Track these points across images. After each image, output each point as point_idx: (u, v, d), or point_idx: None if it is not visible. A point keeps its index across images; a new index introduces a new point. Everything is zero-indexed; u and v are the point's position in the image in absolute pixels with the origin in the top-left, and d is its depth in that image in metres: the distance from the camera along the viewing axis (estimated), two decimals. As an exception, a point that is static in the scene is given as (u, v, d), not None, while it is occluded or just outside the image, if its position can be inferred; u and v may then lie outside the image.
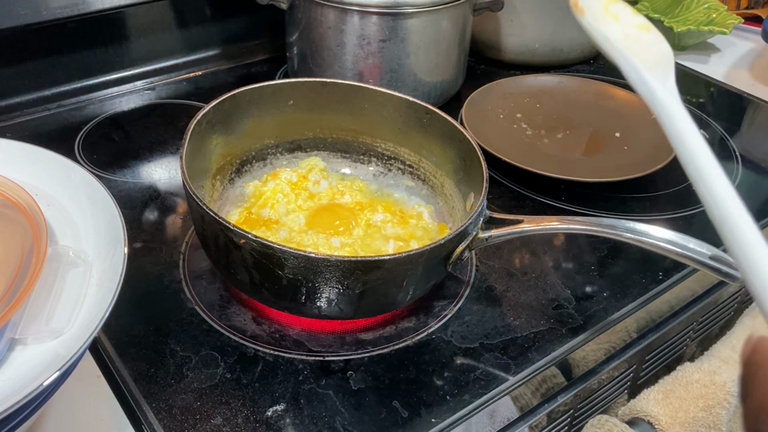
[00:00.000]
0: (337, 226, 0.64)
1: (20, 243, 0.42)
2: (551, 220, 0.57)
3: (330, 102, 0.69)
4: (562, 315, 0.62)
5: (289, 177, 0.69)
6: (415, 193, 0.70)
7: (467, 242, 0.56)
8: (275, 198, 0.66)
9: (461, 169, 0.65)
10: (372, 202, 0.68)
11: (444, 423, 0.52)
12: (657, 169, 0.77)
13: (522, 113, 0.90)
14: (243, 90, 0.66)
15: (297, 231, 0.63)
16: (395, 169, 0.72)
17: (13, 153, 0.51)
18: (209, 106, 0.63)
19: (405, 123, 0.69)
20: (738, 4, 1.28)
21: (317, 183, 0.69)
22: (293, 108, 0.69)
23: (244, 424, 0.51)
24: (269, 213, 0.65)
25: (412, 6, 0.80)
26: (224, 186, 0.68)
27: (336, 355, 0.56)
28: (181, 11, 0.94)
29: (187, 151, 0.58)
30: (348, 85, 0.69)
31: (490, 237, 0.57)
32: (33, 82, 0.86)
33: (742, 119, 0.96)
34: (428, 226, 0.66)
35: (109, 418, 0.51)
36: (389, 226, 0.64)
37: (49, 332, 0.41)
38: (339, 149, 0.73)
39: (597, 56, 1.08)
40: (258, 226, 0.64)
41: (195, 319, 0.58)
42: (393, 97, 0.68)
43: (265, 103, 0.68)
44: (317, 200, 0.68)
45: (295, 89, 0.69)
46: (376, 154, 0.72)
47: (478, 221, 0.57)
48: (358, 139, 0.72)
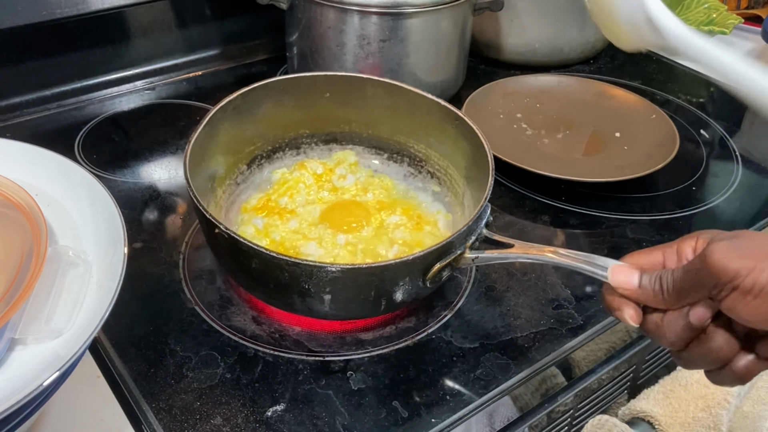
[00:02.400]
0: (349, 222, 0.63)
1: (20, 243, 0.42)
2: (543, 251, 0.51)
3: (365, 97, 0.69)
4: (562, 315, 0.62)
5: (315, 168, 0.69)
6: (440, 200, 0.69)
7: (447, 260, 0.53)
8: (296, 188, 0.66)
9: (475, 180, 0.64)
10: (393, 203, 0.67)
11: (444, 423, 0.52)
12: (657, 169, 0.76)
13: (522, 113, 0.90)
14: (274, 80, 0.66)
15: (308, 223, 0.63)
16: (425, 172, 0.71)
17: (13, 153, 0.51)
18: (238, 93, 0.63)
19: (436, 127, 0.68)
20: (738, 4, 1.28)
21: (343, 177, 0.68)
22: (329, 100, 0.69)
23: (244, 424, 0.50)
24: (286, 202, 0.65)
25: (412, 6, 0.80)
26: (251, 171, 0.69)
27: (336, 355, 0.56)
28: (181, 11, 0.94)
29: (200, 137, 0.59)
30: (384, 82, 0.68)
31: (477, 258, 0.54)
32: (33, 82, 0.86)
33: (742, 119, 0.96)
34: (442, 234, 0.64)
35: (109, 418, 0.51)
36: (401, 230, 0.63)
37: (49, 332, 0.41)
38: (374, 145, 0.73)
39: (597, 56, 1.08)
40: (272, 213, 0.64)
41: (195, 319, 0.58)
42: (426, 99, 0.67)
43: (300, 94, 0.68)
44: (339, 194, 0.67)
45: (331, 82, 0.68)
46: (409, 155, 0.72)
47: (467, 240, 0.54)
48: (393, 138, 0.72)
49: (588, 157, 0.84)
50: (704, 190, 0.80)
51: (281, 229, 0.62)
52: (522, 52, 1.02)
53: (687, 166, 0.84)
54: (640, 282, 0.43)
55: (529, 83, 0.95)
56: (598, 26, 0.58)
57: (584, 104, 0.92)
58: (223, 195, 0.66)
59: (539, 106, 0.92)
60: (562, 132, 0.88)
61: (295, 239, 0.61)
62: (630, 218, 0.74)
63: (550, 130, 0.88)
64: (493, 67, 1.03)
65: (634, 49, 0.55)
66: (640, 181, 0.76)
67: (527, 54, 1.02)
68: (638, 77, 1.04)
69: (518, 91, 0.93)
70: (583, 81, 0.96)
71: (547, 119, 0.90)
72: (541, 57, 1.02)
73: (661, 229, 0.73)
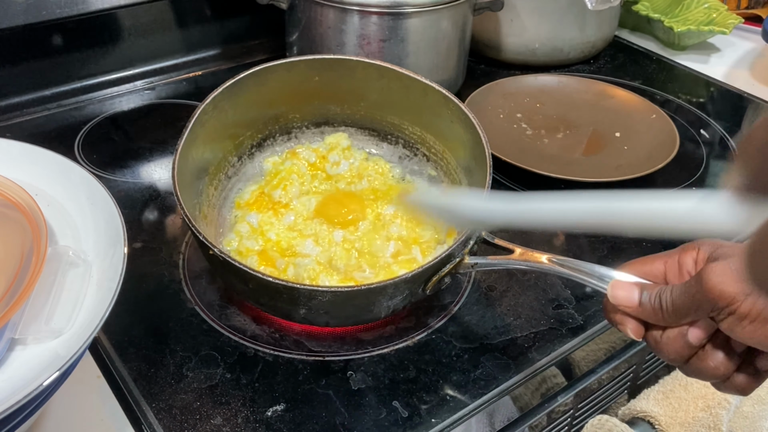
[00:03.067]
0: (344, 216, 0.63)
1: (20, 243, 0.42)
2: (541, 259, 0.52)
3: (355, 79, 0.67)
4: (562, 315, 0.62)
5: (307, 156, 0.68)
6: (436, 184, 0.68)
7: (447, 269, 0.54)
8: (290, 179, 0.66)
9: (474, 173, 0.63)
10: (389, 189, 0.66)
11: (444, 423, 0.52)
12: (657, 169, 0.76)
13: (522, 113, 0.90)
14: (261, 68, 0.64)
15: (303, 218, 0.63)
16: (420, 155, 0.71)
17: (13, 153, 0.51)
18: (222, 87, 0.62)
19: (430, 109, 0.66)
20: (738, 4, 1.28)
21: (336, 164, 0.68)
22: (319, 83, 0.68)
23: (244, 424, 0.50)
24: (280, 195, 0.65)
25: (412, 6, 0.80)
26: (242, 161, 0.68)
27: (336, 355, 0.56)
28: (181, 11, 0.94)
29: (186, 143, 0.58)
30: (373, 64, 0.66)
31: (476, 264, 0.55)
32: (33, 82, 0.86)
33: (742, 119, 0.96)
34: (439, 227, 0.63)
35: (109, 418, 0.51)
36: (397, 222, 0.63)
37: (49, 332, 0.41)
38: (366, 126, 0.72)
39: (597, 56, 1.08)
40: (267, 209, 0.64)
41: (195, 319, 0.58)
42: (418, 82, 0.65)
43: (290, 79, 0.66)
44: (334, 182, 0.67)
45: (318, 65, 0.66)
46: (404, 136, 0.71)
47: (465, 245, 0.55)
48: (386, 119, 0.71)
49: (588, 157, 0.84)
50: (704, 190, 0.80)
51: (276, 226, 0.62)
52: (522, 52, 1.02)
53: (687, 166, 0.84)
54: (640, 300, 0.43)
55: (529, 83, 0.95)
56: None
57: (584, 104, 0.92)
58: (215, 192, 0.65)
59: (539, 106, 0.92)
60: (562, 132, 0.88)
61: (291, 237, 0.61)
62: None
63: (550, 130, 0.88)
64: (493, 67, 1.03)
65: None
66: (640, 181, 0.76)
67: (527, 54, 1.02)
68: (638, 77, 1.04)
69: (518, 91, 0.93)
70: (583, 81, 0.96)
71: (547, 119, 0.90)
72: (541, 57, 1.02)
73: (661, 229, 0.73)
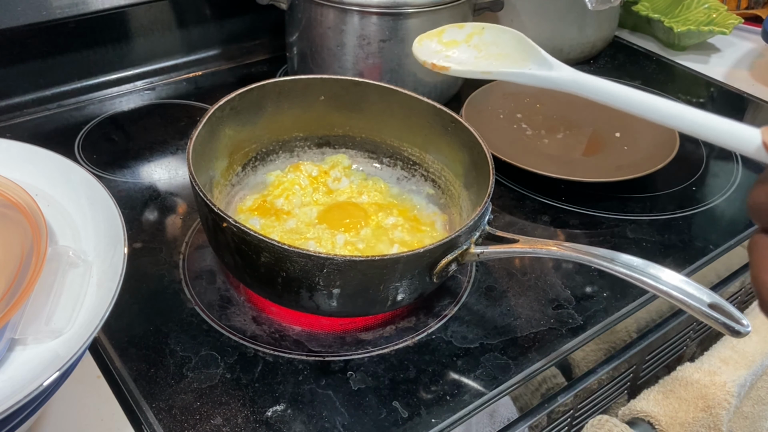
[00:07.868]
0: (347, 224, 0.64)
1: (20, 243, 0.42)
2: (547, 245, 0.54)
3: (360, 101, 0.69)
4: (562, 315, 0.62)
5: (310, 170, 0.69)
6: (434, 202, 0.69)
7: (454, 255, 0.54)
8: (292, 189, 0.67)
9: (474, 182, 0.64)
10: (388, 204, 0.67)
11: (444, 423, 0.52)
12: (657, 169, 0.76)
13: (522, 113, 0.90)
14: (272, 82, 0.66)
15: (306, 223, 0.64)
16: (418, 176, 0.71)
17: (13, 153, 0.51)
18: (236, 93, 0.63)
19: (431, 129, 0.68)
20: (738, 4, 1.28)
21: (338, 180, 0.69)
22: (324, 104, 0.69)
23: (244, 424, 0.51)
24: (282, 203, 0.65)
25: (412, 6, 0.80)
26: (246, 172, 0.69)
27: (336, 355, 0.56)
28: (181, 11, 0.94)
29: (200, 135, 0.59)
30: (378, 86, 0.68)
31: (482, 253, 0.55)
32: (33, 82, 0.86)
33: (742, 119, 0.96)
34: (439, 235, 0.64)
35: (109, 418, 0.51)
36: (398, 230, 0.64)
37: (49, 332, 0.41)
38: (367, 149, 0.73)
39: (597, 56, 1.08)
40: (269, 215, 0.64)
41: (195, 319, 0.58)
42: (421, 102, 0.67)
43: (295, 97, 0.68)
44: (334, 197, 0.68)
45: (326, 86, 0.69)
46: (402, 158, 0.72)
47: (471, 235, 0.55)
48: (386, 141, 0.72)
49: (588, 157, 0.84)
50: (704, 190, 0.80)
51: (279, 229, 0.62)
52: (522, 52, 1.02)
53: (687, 166, 0.84)
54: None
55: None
56: None
57: (584, 104, 0.91)
58: (219, 196, 0.66)
59: (539, 106, 0.92)
60: (562, 132, 0.88)
61: (293, 239, 0.61)
62: (630, 218, 0.75)
63: (550, 130, 0.88)
64: (493, 67, 1.03)
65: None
66: (640, 181, 0.76)
67: (527, 54, 1.02)
68: (638, 77, 1.04)
69: (518, 91, 0.93)
70: (583, 81, 0.96)
71: (547, 119, 0.90)
72: (541, 57, 1.02)
73: (661, 229, 0.73)
